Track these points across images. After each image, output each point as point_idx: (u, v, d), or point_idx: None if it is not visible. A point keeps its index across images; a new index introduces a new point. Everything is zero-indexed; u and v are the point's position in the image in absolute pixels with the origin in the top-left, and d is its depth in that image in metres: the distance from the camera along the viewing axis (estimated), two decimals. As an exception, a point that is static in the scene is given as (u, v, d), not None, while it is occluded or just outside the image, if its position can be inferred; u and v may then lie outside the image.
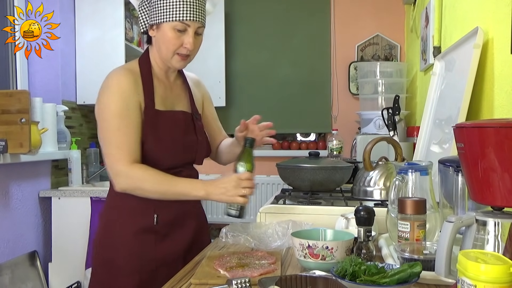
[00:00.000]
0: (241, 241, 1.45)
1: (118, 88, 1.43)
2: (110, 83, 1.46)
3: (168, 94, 1.56)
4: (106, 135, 1.44)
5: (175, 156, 1.51)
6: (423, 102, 2.39)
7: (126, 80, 1.45)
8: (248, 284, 1.02)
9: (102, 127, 1.45)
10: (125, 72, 1.47)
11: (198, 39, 1.49)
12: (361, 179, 1.87)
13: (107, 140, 1.43)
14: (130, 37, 3.43)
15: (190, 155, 1.58)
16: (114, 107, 1.42)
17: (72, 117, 3.16)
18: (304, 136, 4.34)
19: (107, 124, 1.43)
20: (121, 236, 1.49)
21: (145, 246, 1.48)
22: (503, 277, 0.77)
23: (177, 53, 1.47)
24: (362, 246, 1.24)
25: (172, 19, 1.43)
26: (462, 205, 1.20)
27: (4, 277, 2.43)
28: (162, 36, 1.46)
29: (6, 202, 2.57)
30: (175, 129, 1.52)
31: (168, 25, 1.44)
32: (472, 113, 1.70)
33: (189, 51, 1.47)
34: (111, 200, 1.55)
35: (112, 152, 1.42)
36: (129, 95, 1.44)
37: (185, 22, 1.43)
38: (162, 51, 1.49)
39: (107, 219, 1.54)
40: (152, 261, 1.48)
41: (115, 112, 1.42)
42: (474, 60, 1.63)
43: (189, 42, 1.45)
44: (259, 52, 4.03)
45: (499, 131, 0.91)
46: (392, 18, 3.88)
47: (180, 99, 1.60)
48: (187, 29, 1.45)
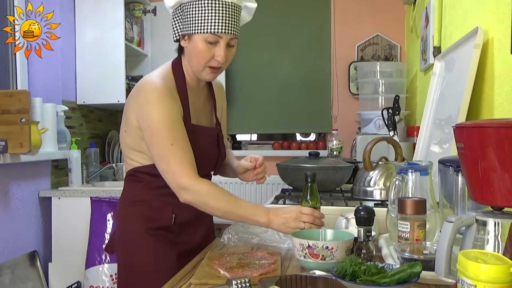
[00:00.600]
0: (244, 241, 1.45)
1: (163, 103, 1.40)
2: (153, 99, 1.41)
3: (196, 104, 1.54)
4: (161, 152, 1.40)
5: (201, 169, 1.49)
6: (423, 102, 2.39)
7: (168, 95, 1.42)
8: (248, 284, 1.02)
9: (154, 144, 1.41)
10: (164, 87, 1.43)
11: (230, 51, 1.45)
12: (361, 179, 1.87)
13: (164, 157, 1.40)
14: (130, 37, 3.43)
15: (210, 168, 1.62)
16: (162, 120, 1.39)
17: (72, 117, 3.16)
18: (304, 136, 4.34)
19: (160, 141, 1.40)
20: (140, 235, 1.49)
21: (163, 245, 1.49)
22: (503, 277, 0.77)
23: (208, 66, 1.44)
24: (362, 246, 1.24)
25: (203, 31, 1.39)
26: (462, 205, 1.20)
27: (4, 277, 2.43)
28: (193, 47, 1.43)
29: (6, 202, 2.57)
30: (207, 144, 1.53)
31: (200, 37, 1.40)
32: (472, 113, 1.70)
33: (220, 63, 1.44)
34: (128, 199, 1.55)
35: (172, 168, 1.39)
36: (173, 107, 1.42)
37: (216, 34, 1.39)
38: (193, 63, 1.46)
39: (126, 218, 1.54)
40: (172, 258, 1.48)
41: (167, 128, 1.39)
42: (474, 60, 1.63)
43: (220, 55, 1.41)
44: (259, 52, 4.03)
45: (499, 131, 0.91)
46: (392, 18, 3.88)
47: (205, 108, 1.60)
48: (219, 41, 1.41)
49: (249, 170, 1.65)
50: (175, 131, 1.40)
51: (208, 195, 1.40)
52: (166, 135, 1.39)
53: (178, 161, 1.39)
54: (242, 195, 3.87)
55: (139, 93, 1.46)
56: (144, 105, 1.43)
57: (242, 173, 1.68)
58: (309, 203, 1.42)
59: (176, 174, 1.39)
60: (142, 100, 1.44)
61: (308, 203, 1.42)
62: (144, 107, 1.43)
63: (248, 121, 4.09)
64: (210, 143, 1.57)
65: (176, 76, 1.49)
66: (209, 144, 1.56)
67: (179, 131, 1.41)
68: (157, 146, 1.41)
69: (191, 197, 1.40)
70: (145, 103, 1.42)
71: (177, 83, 1.48)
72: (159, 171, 1.43)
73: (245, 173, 1.67)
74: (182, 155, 1.39)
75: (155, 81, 1.45)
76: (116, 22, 3.18)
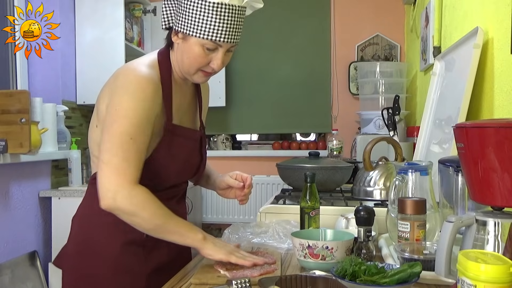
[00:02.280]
0: (244, 242, 1.45)
1: (141, 94, 1.22)
2: (132, 87, 1.23)
3: (182, 102, 1.39)
4: (114, 140, 1.20)
5: (179, 175, 1.39)
6: (423, 102, 2.39)
7: (150, 87, 1.24)
8: (248, 284, 1.02)
9: (112, 130, 1.21)
10: (149, 78, 1.25)
11: (228, 55, 1.30)
12: (361, 179, 1.87)
13: (115, 146, 1.19)
14: (130, 37, 3.43)
15: (188, 175, 1.47)
16: (133, 114, 1.21)
17: (72, 117, 3.16)
18: (304, 136, 4.34)
19: (121, 129, 1.20)
20: (107, 249, 1.31)
21: (134, 260, 1.32)
22: (503, 277, 0.77)
23: (201, 70, 1.29)
24: (362, 246, 1.24)
25: (202, 36, 1.22)
26: (462, 205, 1.20)
27: (4, 277, 2.43)
28: (188, 49, 1.26)
29: (6, 202, 2.57)
30: (187, 148, 1.39)
31: (197, 41, 1.23)
32: (472, 113, 1.70)
33: (216, 70, 1.30)
34: (94, 206, 1.25)
35: (116, 162, 1.19)
36: (151, 105, 1.24)
37: (217, 42, 1.23)
38: (184, 64, 1.29)
39: (89, 227, 1.35)
40: (142, 276, 1.32)
41: (134, 121, 1.20)
42: (474, 60, 1.63)
43: (217, 63, 1.26)
44: (259, 52, 4.03)
45: (499, 131, 0.91)
46: (392, 18, 3.88)
47: (190, 108, 1.45)
48: (218, 49, 1.25)
49: (232, 188, 1.51)
50: (139, 130, 1.21)
51: (143, 206, 1.20)
52: (129, 127, 1.20)
53: (127, 159, 1.19)
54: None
55: (117, 78, 1.27)
56: (119, 89, 1.24)
57: (223, 189, 1.53)
58: (308, 203, 1.42)
59: (115, 170, 1.18)
60: (119, 84, 1.25)
61: (307, 203, 1.42)
62: (119, 91, 1.23)
63: (248, 121, 4.09)
64: (192, 147, 1.42)
65: (161, 68, 1.31)
66: (190, 148, 1.41)
67: (145, 131, 1.23)
68: (114, 132, 1.20)
69: (122, 202, 1.18)
70: (121, 87, 1.24)
71: (162, 76, 1.30)
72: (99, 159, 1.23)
73: (226, 190, 1.52)
74: (134, 155, 1.20)
75: (140, 68, 1.27)
76: (116, 22, 3.18)
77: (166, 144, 1.31)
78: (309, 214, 1.41)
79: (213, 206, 3.96)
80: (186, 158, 1.39)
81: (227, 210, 3.97)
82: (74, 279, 1.35)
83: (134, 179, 1.20)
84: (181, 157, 1.36)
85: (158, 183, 1.33)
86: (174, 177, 1.38)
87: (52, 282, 2.75)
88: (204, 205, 3.96)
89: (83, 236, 1.36)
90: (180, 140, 1.35)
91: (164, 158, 1.31)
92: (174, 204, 1.42)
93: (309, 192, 1.42)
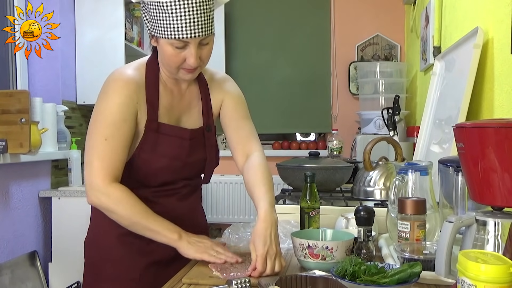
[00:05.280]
0: (245, 242, 1.45)
1: (117, 95, 1.31)
2: (110, 89, 1.33)
3: (175, 104, 1.42)
4: (91, 143, 1.31)
5: (168, 172, 1.40)
6: (423, 102, 2.39)
7: (128, 88, 1.32)
8: (248, 284, 1.02)
9: (90, 133, 1.32)
10: (128, 79, 1.33)
11: (204, 49, 1.30)
12: (361, 179, 1.87)
13: (92, 148, 1.30)
14: (130, 37, 3.43)
15: (196, 171, 1.49)
16: (109, 115, 1.30)
17: (72, 117, 3.16)
18: (304, 136, 4.34)
19: (96, 131, 1.31)
20: (106, 239, 1.40)
21: (128, 252, 1.38)
22: (503, 277, 0.77)
23: (182, 68, 1.32)
24: (362, 246, 1.24)
25: (167, 36, 1.25)
26: (462, 205, 1.20)
27: (4, 277, 2.43)
28: (162, 51, 1.31)
29: (6, 202, 2.57)
30: (178, 146, 1.40)
31: (165, 41, 1.27)
32: (472, 113, 1.70)
33: (194, 67, 1.31)
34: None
35: (93, 162, 1.29)
36: (129, 106, 1.31)
37: (182, 40, 1.25)
38: (165, 65, 1.35)
39: (95, 218, 1.44)
40: (136, 268, 1.38)
41: (108, 122, 1.29)
42: (474, 60, 1.63)
43: (191, 61, 1.28)
44: (259, 52, 4.02)
45: (499, 131, 0.91)
46: (392, 18, 3.88)
47: (189, 109, 1.46)
48: (188, 45, 1.27)
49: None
50: (115, 129, 1.29)
51: (118, 202, 1.28)
52: (103, 128, 1.29)
53: (102, 158, 1.28)
54: (242, 195, 3.88)
55: (104, 82, 1.37)
56: (100, 92, 1.35)
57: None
58: (308, 203, 1.42)
59: (94, 170, 1.28)
60: (103, 87, 1.35)
61: (307, 203, 1.42)
62: (99, 94, 1.35)
63: (248, 121, 4.08)
64: (184, 146, 1.41)
65: (148, 70, 1.38)
66: (180, 146, 1.40)
67: (120, 130, 1.30)
68: (91, 135, 1.32)
69: (97, 199, 1.29)
70: (101, 91, 1.35)
71: (148, 78, 1.37)
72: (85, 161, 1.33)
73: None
74: (109, 154, 1.28)
75: (124, 71, 1.36)
76: (116, 22, 3.18)
77: (150, 142, 1.36)
78: (309, 214, 1.41)
79: (213, 206, 3.96)
80: (175, 155, 1.40)
81: (227, 210, 3.97)
82: (86, 266, 1.46)
83: (110, 177, 1.28)
84: (166, 154, 1.39)
85: (145, 180, 1.38)
86: (162, 174, 1.40)
87: (52, 282, 2.75)
88: (204, 205, 3.95)
89: (91, 227, 1.47)
90: (165, 138, 1.38)
91: (148, 155, 1.36)
92: (174, 202, 1.44)
93: (309, 192, 1.42)
